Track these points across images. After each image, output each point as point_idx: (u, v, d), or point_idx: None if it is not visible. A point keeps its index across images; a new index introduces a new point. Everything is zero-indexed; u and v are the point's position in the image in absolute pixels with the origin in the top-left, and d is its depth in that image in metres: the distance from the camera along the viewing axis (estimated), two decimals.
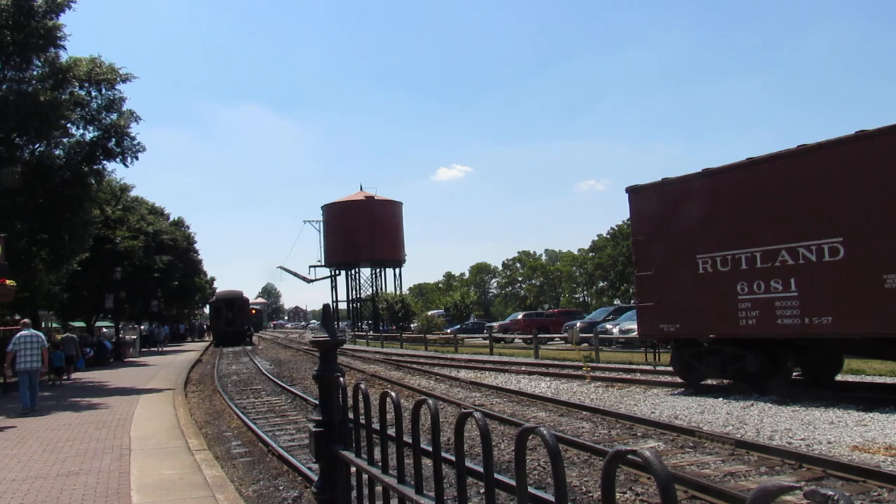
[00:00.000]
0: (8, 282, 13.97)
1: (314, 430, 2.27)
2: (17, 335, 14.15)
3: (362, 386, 2.13)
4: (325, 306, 2.50)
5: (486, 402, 14.05)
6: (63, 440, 9.95)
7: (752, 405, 11.87)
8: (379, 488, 2.11)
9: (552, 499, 5.34)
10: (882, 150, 10.89)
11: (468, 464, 3.35)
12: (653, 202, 14.50)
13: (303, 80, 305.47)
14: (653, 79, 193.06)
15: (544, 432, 1.33)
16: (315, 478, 7.58)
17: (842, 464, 7.26)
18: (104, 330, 37.11)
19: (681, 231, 13.75)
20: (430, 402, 1.66)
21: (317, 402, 9.81)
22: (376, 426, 2.29)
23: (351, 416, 2.42)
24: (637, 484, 7.09)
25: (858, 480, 6.86)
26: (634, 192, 14.80)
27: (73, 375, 22.72)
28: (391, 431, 2.11)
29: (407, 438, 2.14)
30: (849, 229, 11.17)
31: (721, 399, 12.67)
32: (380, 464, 2.05)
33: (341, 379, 2.38)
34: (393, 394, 1.87)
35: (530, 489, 6.23)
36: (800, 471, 7.43)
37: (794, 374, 13.38)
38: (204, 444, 9.42)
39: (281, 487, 7.67)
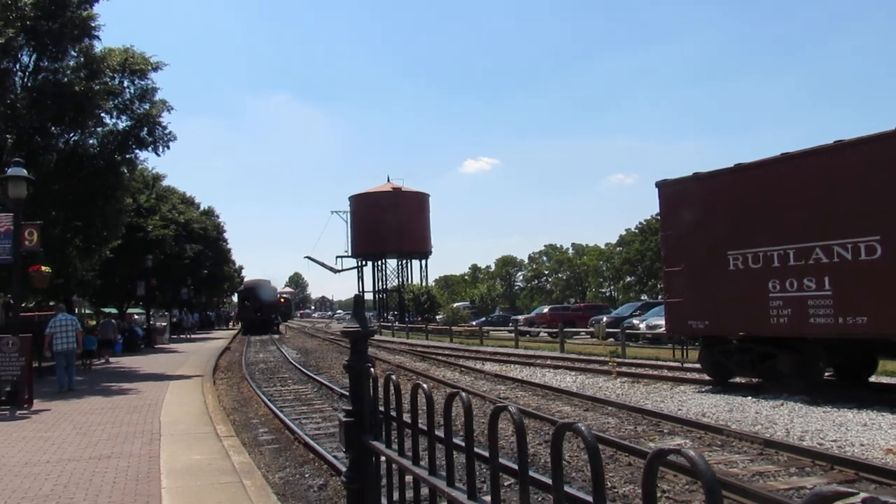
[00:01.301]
0: (43, 268, 14.29)
1: (344, 419, 2.27)
2: (54, 319, 15.00)
3: (393, 377, 2.12)
4: (357, 297, 2.50)
5: (510, 395, 14.03)
6: (95, 424, 10.15)
7: (782, 405, 11.69)
8: (409, 478, 2.11)
9: (583, 496, 5.31)
10: None
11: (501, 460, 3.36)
12: (683, 197, 14.31)
13: (332, 71, 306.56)
14: (683, 74, 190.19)
15: (583, 430, 1.31)
16: (340, 466, 7.66)
17: (875, 467, 7.13)
18: (135, 316, 37.71)
19: (711, 227, 13.56)
20: (463, 395, 1.65)
21: (342, 392, 9.99)
22: (407, 418, 2.29)
23: (381, 407, 2.42)
24: (662, 481, 7.03)
25: (892, 484, 6.73)
26: (665, 187, 14.62)
27: (101, 362, 23.18)
28: (422, 423, 2.11)
29: (438, 432, 2.13)
30: (886, 228, 10.91)
31: (750, 398, 12.50)
32: (410, 455, 2.05)
33: (372, 370, 2.38)
34: (425, 386, 1.86)
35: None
36: (831, 472, 7.30)
37: (826, 374, 13.14)
38: (232, 431, 9.54)
39: (307, 475, 7.75)
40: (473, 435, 1.87)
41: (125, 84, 19.67)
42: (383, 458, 2.24)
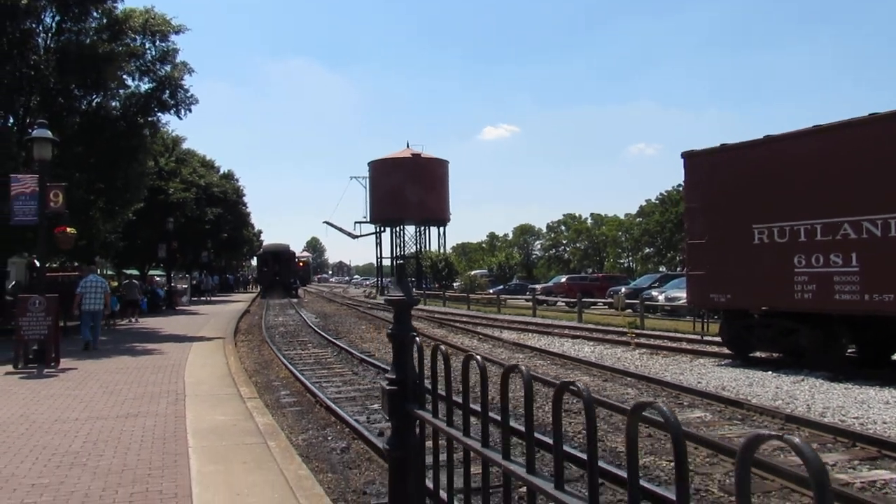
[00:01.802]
0: (69, 229, 14.48)
1: (388, 388, 2.27)
2: (84, 279, 15.62)
3: (442, 348, 2.11)
4: (400, 266, 2.50)
5: (529, 363, 14.08)
6: (121, 383, 10.34)
7: (803, 380, 11.62)
8: (449, 452, 2.10)
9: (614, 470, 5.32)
10: None
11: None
12: (709, 168, 14.09)
13: (352, 35, 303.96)
14: (709, 41, 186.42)
15: (665, 410, 1.28)
16: (363, 430, 7.75)
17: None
18: (156, 278, 38.21)
19: (737, 199, 13.37)
20: (523, 368, 1.63)
21: (362, 357, 10.05)
22: (443, 390, 2.29)
23: (424, 382, 2.42)
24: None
25: None
26: (690, 158, 14.40)
27: (126, 322, 23.57)
28: (462, 404, 2.10)
29: (475, 406, 2.13)
30: None
31: (770, 372, 12.44)
32: (458, 426, 2.04)
33: (417, 339, 2.37)
34: (479, 357, 1.85)
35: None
36: (853, 449, 7.27)
37: (849, 350, 13.02)
38: (255, 393, 9.67)
39: (329, 438, 7.86)
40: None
41: (147, 46, 19.61)
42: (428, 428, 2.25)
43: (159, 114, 19.87)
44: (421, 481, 2.32)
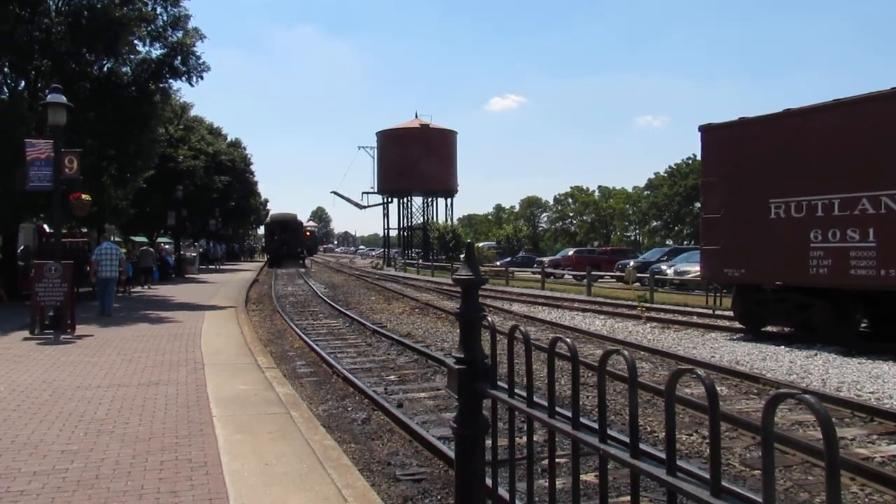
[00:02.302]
0: (84, 196, 14.49)
1: (456, 367, 2.26)
2: (99, 247, 15.94)
3: (521, 328, 2.10)
4: (469, 244, 2.45)
5: (541, 336, 14.12)
6: (139, 351, 10.42)
7: (816, 355, 11.64)
8: (522, 436, 2.10)
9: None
10: None
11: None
12: (726, 142, 13.95)
13: (358, 1, 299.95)
14: (722, 11, 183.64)
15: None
16: (382, 402, 7.80)
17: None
18: (166, 246, 38.34)
19: (754, 174, 13.26)
20: (626, 353, 1.60)
21: (375, 329, 10.09)
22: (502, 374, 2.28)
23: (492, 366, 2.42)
24: (703, 427, 7.08)
25: None
26: (707, 131, 14.26)
27: (138, 289, 23.71)
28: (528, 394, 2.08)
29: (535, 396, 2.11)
30: None
31: (783, 347, 12.46)
32: (531, 406, 2.04)
33: (489, 318, 2.36)
34: (568, 340, 1.83)
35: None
36: (871, 424, 7.30)
37: (861, 325, 13.02)
38: (272, 363, 9.75)
39: (349, 409, 7.92)
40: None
41: (158, 11, 19.40)
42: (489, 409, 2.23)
43: (171, 80, 19.77)
44: (482, 461, 2.31)
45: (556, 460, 2.07)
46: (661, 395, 8.32)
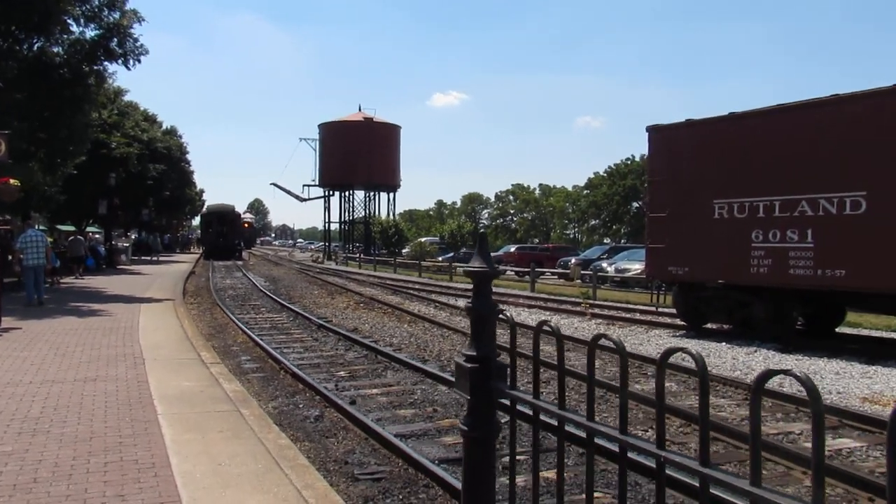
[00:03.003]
0: (12, 181, 13.68)
1: (468, 366, 2.10)
2: (24, 234, 15.39)
3: (552, 323, 1.97)
4: (482, 234, 2.29)
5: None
6: (72, 345, 9.87)
7: (756, 351, 11.99)
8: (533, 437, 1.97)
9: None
10: None
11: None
12: (673, 143, 14.22)
13: None
14: (654, 15, 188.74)
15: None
16: (334, 398, 7.58)
17: (857, 414, 7.35)
18: (95, 236, 36.77)
19: (699, 174, 13.54)
20: (694, 352, 1.48)
21: (320, 323, 9.80)
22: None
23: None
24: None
25: (875, 431, 6.94)
26: (655, 132, 14.49)
27: (69, 280, 22.64)
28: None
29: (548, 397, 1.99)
30: (873, 184, 11.02)
31: (724, 344, 12.78)
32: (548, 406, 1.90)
33: (506, 313, 2.22)
34: (614, 336, 1.71)
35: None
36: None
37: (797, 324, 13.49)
38: (216, 358, 9.38)
39: (301, 406, 7.68)
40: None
41: None
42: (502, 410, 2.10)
43: (106, 63, 18.85)
44: (492, 465, 2.17)
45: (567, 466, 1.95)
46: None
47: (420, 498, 5.04)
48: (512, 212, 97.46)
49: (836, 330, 13.96)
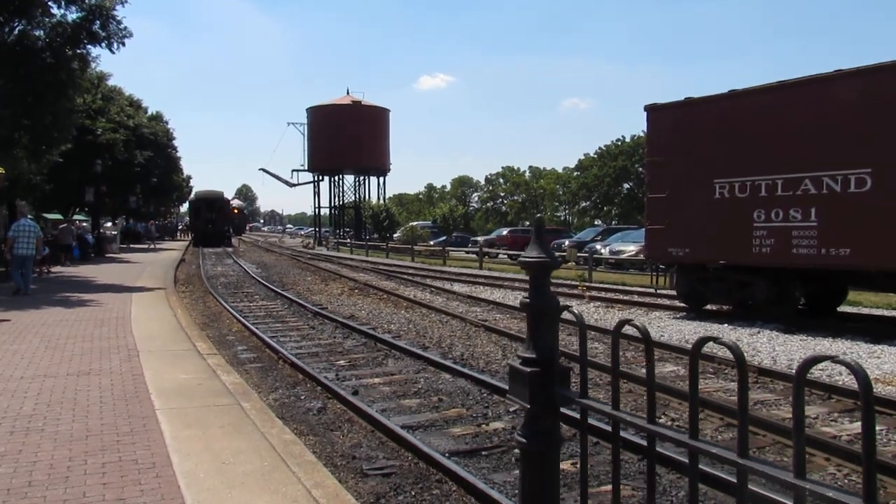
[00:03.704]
0: None
1: (527, 370, 1.86)
2: (16, 223, 15.00)
3: (637, 323, 1.73)
4: (538, 219, 2.04)
5: (488, 317, 13.91)
6: (63, 337, 9.58)
7: (759, 332, 11.86)
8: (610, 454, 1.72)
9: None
10: None
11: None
12: (671, 122, 13.98)
13: None
14: None
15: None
16: (335, 388, 7.35)
17: (875, 397, 7.19)
18: (83, 224, 36.20)
19: (699, 154, 13.33)
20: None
21: (316, 311, 9.52)
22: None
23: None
24: (669, 409, 6.98)
25: (893, 414, 6.81)
26: (653, 111, 14.25)
27: (58, 269, 22.24)
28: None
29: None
30: (879, 161, 10.84)
31: (726, 325, 12.66)
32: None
33: (574, 310, 1.97)
34: (727, 341, 1.47)
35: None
36: (829, 402, 7.37)
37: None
38: (213, 348, 9.12)
39: (303, 397, 7.45)
40: None
41: None
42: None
43: (89, 46, 18.32)
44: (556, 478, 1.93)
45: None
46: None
47: (434, 494, 4.83)
48: (502, 195, 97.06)
49: (839, 309, 13.87)
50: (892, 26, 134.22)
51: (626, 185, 69.77)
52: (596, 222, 67.59)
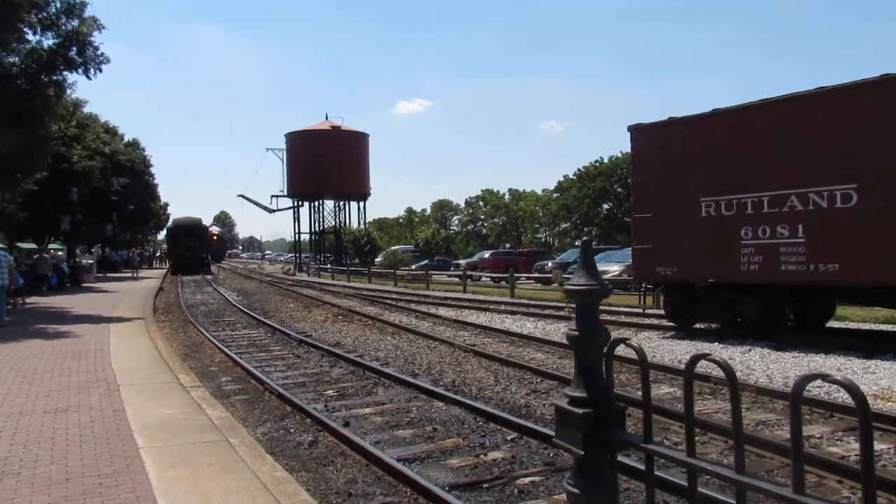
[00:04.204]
0: None
1: (579, 411, 1.66)
2: None
3: (720, 359, 1.55)
4: (586, 242, 1.86)
5: (477, 341, 13.69)
6: (39, 371, 9.21)
7: (750, 350, 11.76)
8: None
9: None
10: None
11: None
12: (656, 142, 13.97)
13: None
14: (616, 18, 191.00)
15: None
16: (325, 419, 7.08)
17: (877, 413, 7.07)
18: (59, 253, 35.50)
19: (684, 173, 13.31)
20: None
21: (300, 339, 9.23)
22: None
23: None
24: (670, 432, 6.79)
25: (894, 430, 6.69)
26: (637, 131, 14.24)
27: (33, 300, 21.66)
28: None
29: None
30: (864, 176, 10.86)
31: (717, 344, 12.55)
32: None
33: (634, 342, 1.78)
34: (840, 377, 1.29)
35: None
36: (832, 420, 7.24)
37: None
38: (196, 380, 8.81)
39: (292, 430, 7.16)
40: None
41: None
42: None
43: (66, 72, 18.02)
44: None
45: None
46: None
47: None
48: (483, 217, 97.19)
49: (827, 325, 13.84)
50: (866, 45, 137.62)
51: (605, 206, 70.15)
52: (577, 243, 67.71)
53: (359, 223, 61.11)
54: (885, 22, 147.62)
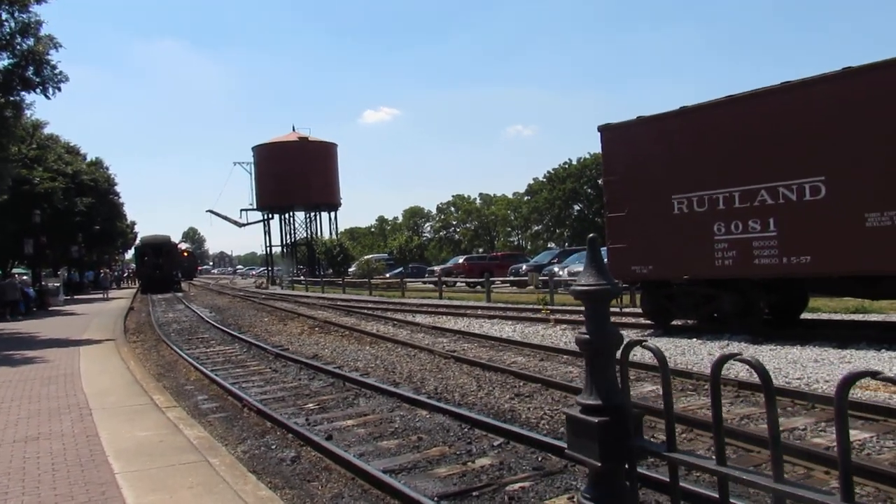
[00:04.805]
0: None
1: (594, 420, 1.55)
2: None
3: (752, 358, 1.47)
4: (592, 239, 1.76)
5: (456, 347, 13.59)
6: (7, 399, 8.90)
7: (728, 345, 11.84)
8: None
9: None
10: (867, 87, 10.69)
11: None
12: (626, 141, 14.06)
13: (224, 14, 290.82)
14: (584, 24, 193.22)
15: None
16: (307, 433, 6.92)
17: (858, 403, 7.12)
18: (23, 277, 34.63)
19: (656, 171, 13.40)
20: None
21: (277, 352, 9.05)
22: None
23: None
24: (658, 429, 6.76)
25: (879, 419, 6.74)
26: (607, 131, 14.31)
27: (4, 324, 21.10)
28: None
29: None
30: (831, 168, 11.02)
31: (696, 340, 12.60)
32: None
33: (651, 344, 1.70)
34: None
35: None
36: (814, 411, 7.27)
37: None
38: (172, 400, 8.59)
39: (273, 447, 6.99)
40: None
41: (3, 17, 17.26)
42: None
43: (23, 93, 17.59)
44: None
45: None
46: None
47: None
48: (455, 223, 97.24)
49: (802, 317, 13.99)
50: (830, 41, 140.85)
51: (576, 207, 70.64)
52: (549, 245, 68.09)
53: (330, 234, 60.76)
54: (847, 21, 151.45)
